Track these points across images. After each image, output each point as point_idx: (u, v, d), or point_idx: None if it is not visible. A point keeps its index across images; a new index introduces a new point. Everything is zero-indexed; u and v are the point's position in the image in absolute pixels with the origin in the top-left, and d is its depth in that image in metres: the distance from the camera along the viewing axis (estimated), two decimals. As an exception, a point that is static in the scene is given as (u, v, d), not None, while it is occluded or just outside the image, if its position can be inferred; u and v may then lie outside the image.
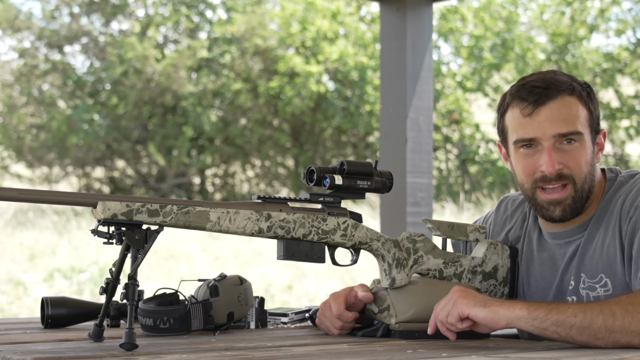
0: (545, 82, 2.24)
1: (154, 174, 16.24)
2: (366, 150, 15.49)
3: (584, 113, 2.23)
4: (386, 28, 4.53)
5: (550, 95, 2.22)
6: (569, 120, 2.21)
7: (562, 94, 2.22)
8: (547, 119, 2.21)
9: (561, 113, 2.21)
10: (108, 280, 2.02)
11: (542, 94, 2.22)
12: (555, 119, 2.21)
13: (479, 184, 14.18)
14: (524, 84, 2.26)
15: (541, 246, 2.35)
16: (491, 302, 1.99)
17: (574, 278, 2.25)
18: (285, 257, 2.13)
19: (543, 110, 2.22)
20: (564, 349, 1.95)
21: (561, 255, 2.30)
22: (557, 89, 2.22)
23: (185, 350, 1.88)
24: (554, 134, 2.21)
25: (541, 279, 2.33)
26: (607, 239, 2.21)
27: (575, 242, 2.28)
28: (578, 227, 2.28)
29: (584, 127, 2.23)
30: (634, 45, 14.16)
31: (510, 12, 14.56)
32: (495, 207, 2.52)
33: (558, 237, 2.31)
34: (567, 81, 2.25)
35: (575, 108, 2.22)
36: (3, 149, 16.16)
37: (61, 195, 1.93)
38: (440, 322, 2.04)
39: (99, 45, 16.02)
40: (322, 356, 1.84)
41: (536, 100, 2.22)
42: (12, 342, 2.04)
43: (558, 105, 2.22)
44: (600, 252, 2.21)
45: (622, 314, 1.93)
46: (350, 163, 2.17)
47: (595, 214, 2.26)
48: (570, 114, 2.21)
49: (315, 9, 14.97)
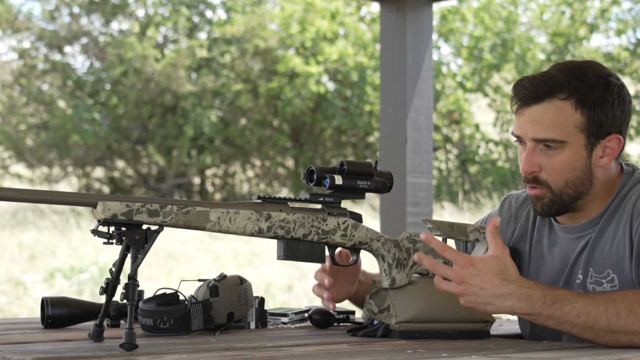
0: (538, 82, 2.20)
1: (154, 174, 16.24)
2: (366, 150, 15.49)
3: (575, 119, 2.17)
4: (386, 28, 4.53)
5: (537, 98, 2.18)
6: (549, 127, 2.17)
7: (551, 98, 2.17)
8: (528, 121, 2.19)
9: (542, 118, 2.18)
10: (108, 280, 2.02)
11: (527, 95, 2.19)
12: (536, 123, 2.18)
13: (479, 184, 14.18)
14: (521, 81, 2.24)
15: (552, 241, 2.33)
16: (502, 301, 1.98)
17: (582, 272, 2.24)
18: (285, 257, 2.13)
19: (527, 112, 2.20)
20: (564, 349, 1.95)
21: (572, 249, 2.28)
22: (547, 92, 2.18)
23: (185, 351, 1.88)
24: (531, 137, 2.19)
25: (550, 273, 2.31)
26: (617, 235, 2.20)
27: (587, 236, 2.26)
28: (590, 221, 2.26)
29: (571, 133, 2.17)
30: (634, 45, 14.17)
31: (510, 12, 14.56)
32: (498, 206, 2.51)
33: (570, 232, 2.29)
34: (565, 83, 2.18)
35: (563, 114, 2.17)
36: (3, 149, 16.17)
37: (61, 195, 1.93)
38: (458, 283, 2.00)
39: (99, 45, 16.03)
40: (322, 356, 1.84)
41: (521, 99, 2.21)
42: (12, 342, 2.04)
43: (541, 109, 2.18)
44: (609, 248, 2.20)
45: (626, 313, 1.93)
46: (350, 163, 2.17)
47: (609, 209, 2.23)
48: (553, 120, 2.17)
49: (315, 10, 14.97)
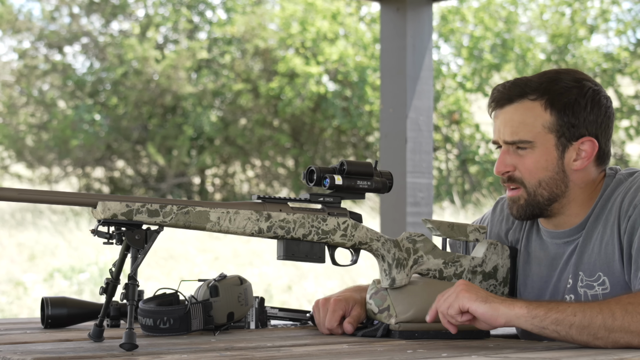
0: (512, 85, 2.24)
1: (154, 174, 16.24)
2: (366, 150, 15.48)
3: (543, 119, 2.20)
4: (386, 28, 4.53)
5: (508, 100, 2.23)
6: (517, 127, 2.21)
7: (521, 99, 2.22)
8: (501, 123, 2.25)
9: (512, 119, 2.22)
10: (108, 281, 2.02)
11: (499, 97, 2.24)
12: (507, 124, 2.23)
13: (479, 184, 14.18)
14: (497, 86, 2.29)
15: (539, 246, 2.35)
16: (493, 299, 2.00)
17: (572, 276, 2.24)
18: (285, 257, 2.13)
19: (500, 114, 2.25)
20: (564, 349, 1.95)
21: (560, 254, 2.30)
22: (519, 93, 2.22)
23: (185, 351, 1.88)
24: (503, 140, 2.24)
25: (538, 279, 2.33)
26: (605, 237, 2.20)
27: (574, 241, 2.27)
28: (577, 227, 2.27)
29: (539, 134, 2.20)
30: (634, 45, 14.16)
31: (510, 12, 14.56)
32: (491, 209, 2.52)
33: (557, 237, 2.31)
34: (537, 85, 2.21)
35: (532, 114, 2.20)
36: (3, 149, 16.17)
37: (61, 195, 1.93)
38: (441, 313, 2.06)
39: (99, 45, 16.02)
40: (322, 356, 1.84)
41: (494, 101, 2.26)
42: (12, 342, 2.04)
43: (512, 110, 2.23)
44: (598, 250, 2.21)
45: (621, 314, 1.93)
46: (350, 163, 2.17)
47: (594, 212, 2.24)
48: (521, 121, 2.21)
49: (315, 10, 14.97)
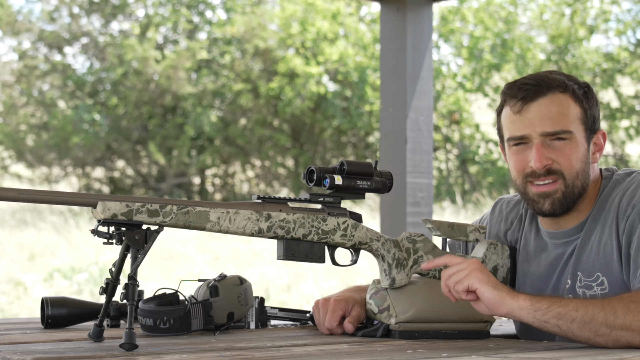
0: (536, 79, 2.24)
1: (154, 174, 16.24)
2: (366, 150, 15.48)
3: (576, 110, 2.22)
4: (386, 28, 4.52)
5: (540, 92, 2.21)
6: (558, 118, 2.20)
7: (553, 91, 2.21)
8: (535, 116, 2.21)
9: (550, 110, 2.20)
10: (108, 281, 2.02)
11: (530, 90, 2.22)
12: (544, 117, 2.20)
13: (479, 184, 14.18)
14: (515, 82, 2.27)
15: (538, 246, 2.35)
16: (501, 287, 2.01)
17: (570, 277, 2.25)
18: (285, 257, 2.13)
19: (532, 107, 2.22)
20: (564, 349, 1.95)
21: (559, 255, 2.30)
22: (548, 86, 2.22)
23: (185, 351, 1.88)
24: (541, 132, 2.20)
25: (537, 279, 2.33)
26: (603, 237, 2.20)
27: (574, 242, 2.27)
28: (576, 227, 2.27)
29: (575, 124, 2.21)
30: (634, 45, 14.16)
31: (510, 12, 14.55)
32: (490, 209, 2.52)
33: (556, 237, 2.31)
34: (560, 79, 2.23)
35: (566, 105, 2.21)
36: (3, 149, 16.16)
37: (61, 195, 1.93)
38: (447, 286, 2.06)
39: (99, 45, 16.03)
40: (322, 356, 1.84)
41: (524, 96, 2.22)
42: (12, 342, 2.04)
43: (547, 102, 2.21)
44: (597, 251, 2.21)
45: (623, 312, 1.93)
46: (350, 163, 2.17)
47: (592, 213, 2.25)
48: (559, 111, 2.20)
49: (315, 10, 14.97)
